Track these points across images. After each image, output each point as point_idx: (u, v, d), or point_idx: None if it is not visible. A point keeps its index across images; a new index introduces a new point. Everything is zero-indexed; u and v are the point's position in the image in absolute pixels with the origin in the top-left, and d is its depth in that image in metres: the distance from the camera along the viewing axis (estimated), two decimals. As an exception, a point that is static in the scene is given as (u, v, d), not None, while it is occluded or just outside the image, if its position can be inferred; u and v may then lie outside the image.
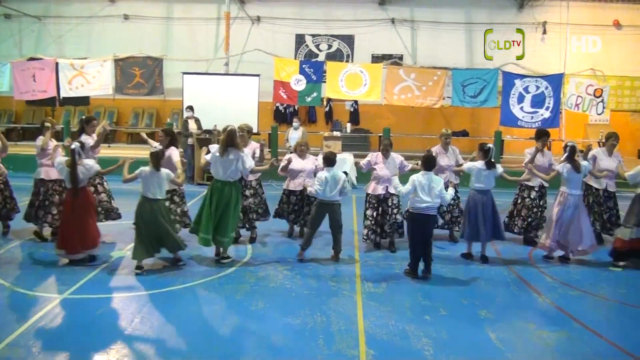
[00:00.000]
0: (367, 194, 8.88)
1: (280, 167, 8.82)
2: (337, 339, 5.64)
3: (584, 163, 8.32)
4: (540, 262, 8.47)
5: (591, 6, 18.94)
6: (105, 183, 9.11)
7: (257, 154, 8.61)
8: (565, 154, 8.25)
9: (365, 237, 8.74)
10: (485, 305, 6.68)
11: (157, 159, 7.43)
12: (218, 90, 16.68)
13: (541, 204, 9.20)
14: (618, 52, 18.95)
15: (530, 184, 9.11)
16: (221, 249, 8.00)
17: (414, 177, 7.50)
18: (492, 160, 8.12)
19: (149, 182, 7.33)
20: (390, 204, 8.71)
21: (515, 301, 6.95)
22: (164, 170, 7.48)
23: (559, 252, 8.55)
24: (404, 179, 8.03)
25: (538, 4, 18.88)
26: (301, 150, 9.20)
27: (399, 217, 8.75)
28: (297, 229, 9.57)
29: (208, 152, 8.09)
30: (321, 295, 6.82)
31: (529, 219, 9.17)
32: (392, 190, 8.60)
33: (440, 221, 9.25)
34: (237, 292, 6.84)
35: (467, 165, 8.44)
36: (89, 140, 8.73)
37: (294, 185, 9.15)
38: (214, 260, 8.02)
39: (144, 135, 9.42)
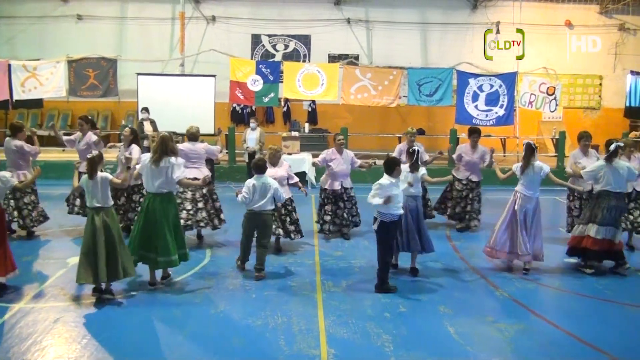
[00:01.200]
0: (324, 189, 9.32)
1: None
2: (298, 338, 5.64)
3: (539, 164, 7.78)
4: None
5: (543, 7, 19.42)
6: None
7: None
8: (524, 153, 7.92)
9: (327, 231, 9.35)
10: (444, 301, 6.78)
11: (91, 166, 6.54)
12: (173, 91, 16.45)
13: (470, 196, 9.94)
14: (569, 51, 19.47)
15: (458, 176, 10.03)
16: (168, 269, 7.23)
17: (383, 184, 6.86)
18: (418, 162, 7.71)
19: (88, 190, 6.55)
20: (346, 198, 9.39)
21: (473, 295, 7.07)
22: (100, 175, 6.57)
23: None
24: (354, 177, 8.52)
25: (491, 5, 19.23)
26: (273, 156, 8.40)
27: (354, 209, 9.52)
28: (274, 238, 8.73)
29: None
30: (281, 296, 6.81)
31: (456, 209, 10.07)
32: (346, 185, 9.37)
33: None
34: (196, 296, 6.77)
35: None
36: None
37: None
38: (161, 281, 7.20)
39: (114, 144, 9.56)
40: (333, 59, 18.90)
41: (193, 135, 8.78)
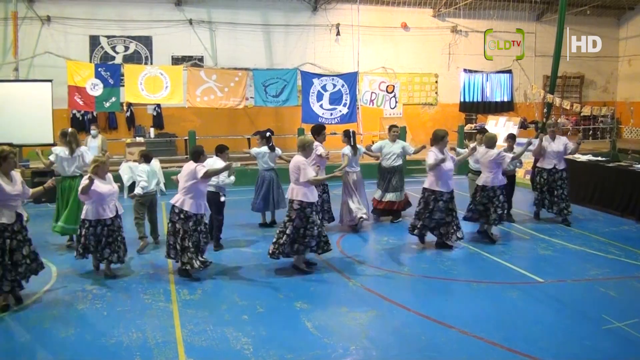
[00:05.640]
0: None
1: (80, 188, 7.43)
2: (155, 353, 5.46)
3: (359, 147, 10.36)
4: (345, 247, 9.00)
5: (380, 10, 20.38)
6: None
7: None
8: (350, 139, 10.11)
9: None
10: (300, 297, 6.91)
11: None
12: (8, 98, 14.94)
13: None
14: (406, 52, 20.70)
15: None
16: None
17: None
18: (273, 144, 10.30)
19: None
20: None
21: (327, 289, 7.29)
22: None
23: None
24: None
25: (331, 7, 19.82)
26: (103, 170, 7.58)
27: None
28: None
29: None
30: (135, 311, 6.54)
31: None
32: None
33: None
34: (43, 321, 6.27)
35: (253, 150, 10.40)
36: None
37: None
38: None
39: None
40: (176, 60, 18.44)
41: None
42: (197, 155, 7.81)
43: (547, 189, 10.49)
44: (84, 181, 7.36)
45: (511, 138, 10.55)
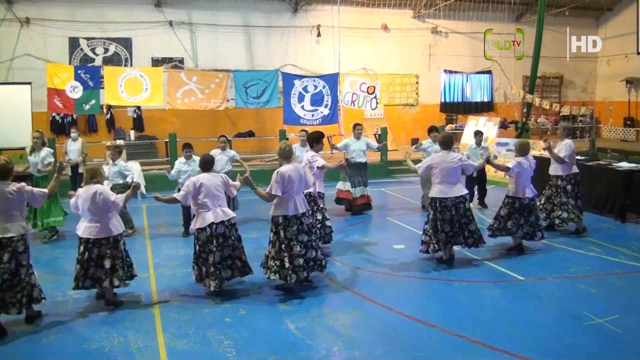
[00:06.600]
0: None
1: (125, 198, 6.79)
2: (137, 357, 5.41)
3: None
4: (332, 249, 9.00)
5: (361, 11, 20.41)
6: None
7: None
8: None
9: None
10: (283, 299, 6.89)
11: None
12: None
13: None
14: (387, 53, 20.76)
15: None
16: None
17: None
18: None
19: None
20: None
21: (310, 290, 7.24)
22: None
23: None
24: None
25: (311, 9, 19.82)
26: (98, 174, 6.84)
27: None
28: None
29: None
30: (116, 315, 6.48)
31: None
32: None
33: None
34: (24, 327, 6.18)
35: (238, 155, 10.89)
36: None
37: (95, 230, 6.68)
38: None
39: None
40: (157, 62, 18.30)
41: None
42: (211, 165, 7.44)
43: (549, 194, 9.86)
44: (117, 193, 6.79)
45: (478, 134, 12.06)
